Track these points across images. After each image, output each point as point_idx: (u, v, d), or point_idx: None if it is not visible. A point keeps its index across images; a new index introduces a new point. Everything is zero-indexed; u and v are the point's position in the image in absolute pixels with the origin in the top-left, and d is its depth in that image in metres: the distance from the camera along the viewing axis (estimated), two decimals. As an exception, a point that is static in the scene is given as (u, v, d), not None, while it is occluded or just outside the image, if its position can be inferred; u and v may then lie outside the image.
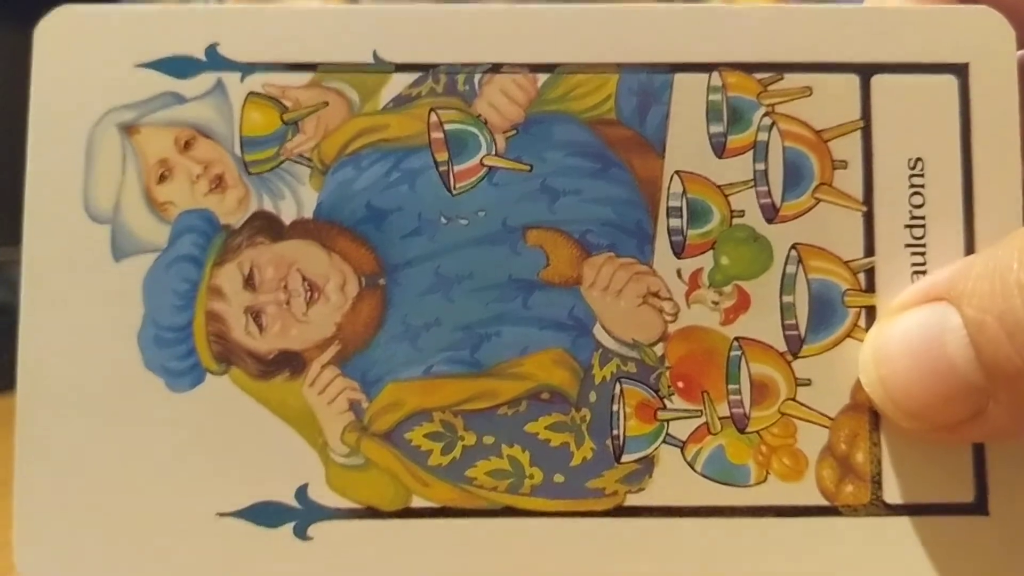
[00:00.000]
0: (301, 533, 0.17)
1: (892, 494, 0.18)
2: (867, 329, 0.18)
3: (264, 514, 0.17)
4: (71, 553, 0.17)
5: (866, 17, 0.19)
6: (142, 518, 0.17)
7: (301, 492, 0.17)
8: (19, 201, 0.18)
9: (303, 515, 0.17)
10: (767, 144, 0.18)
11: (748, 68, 0.18)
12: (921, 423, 0.17)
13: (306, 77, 0.18)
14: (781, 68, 0.18)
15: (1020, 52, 0.19)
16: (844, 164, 0.18)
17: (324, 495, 0.17)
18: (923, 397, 0.16)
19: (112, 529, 0.17)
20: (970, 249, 0.18)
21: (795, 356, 0.18)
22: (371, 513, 0.18)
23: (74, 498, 0.17)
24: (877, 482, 0.18)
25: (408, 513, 0.18)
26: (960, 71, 0.18)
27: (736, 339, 0.18)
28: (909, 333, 0.17)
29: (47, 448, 0.17)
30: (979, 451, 0.18)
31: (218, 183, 0.18)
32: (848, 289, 0.18)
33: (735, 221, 0.18)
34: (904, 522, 0.18)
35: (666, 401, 0.18)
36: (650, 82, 0.18)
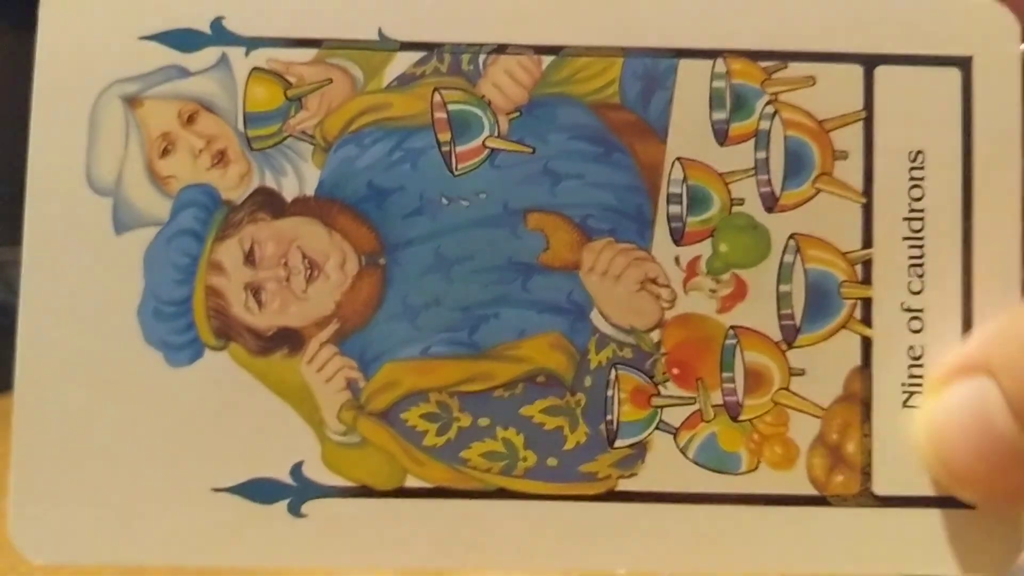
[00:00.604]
0: (295, 510, 0.18)
1: (881, 485, 0.18)
2: (862, 321, 0.18)
3: (259, 490, 0.18)
4: (65, 525, 0.17)
5: (871, 8, 0.19)
6: (137, 491, 0.17)
7: (296, 469, 0.18)
8: (18, 202, 0.18)
9: (298, 492, 0.18)
10: (769, 132, 0.19)
11: (752, 56, 0.19)
12: (988, 497, 0.17)
13: (310, 53, 0.18)
14: (785, 56, 0.19)
15: (1025, 47, 0.19)
16: (845, 155, 0.19)
17: (319, 472, 0.18)
18: (982, 473, 0.17)
19: (107, 502, 0.17)
20: (967, 244, 0.18)
21: (790, 345, 0.18)
22: (365, 492, 0.18)
23: (70, 470, 0.17)
24: (867, 473, 0.18)
25: (402, 492, 0.18)
26: (963, 64, 0.18)
27: (732, 327, 0.18)
28: (957, 412, 0.17)
29: (44, 419, 0.18)
30: None
31: (220, 158, 0.18)
32: (845, 280, 0.18)
33: (735, 209, 0.18)
34: (892, 513, 0.18)
35: (660, 387, 0.18)
36: (654, 67, 0.19)
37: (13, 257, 0.18)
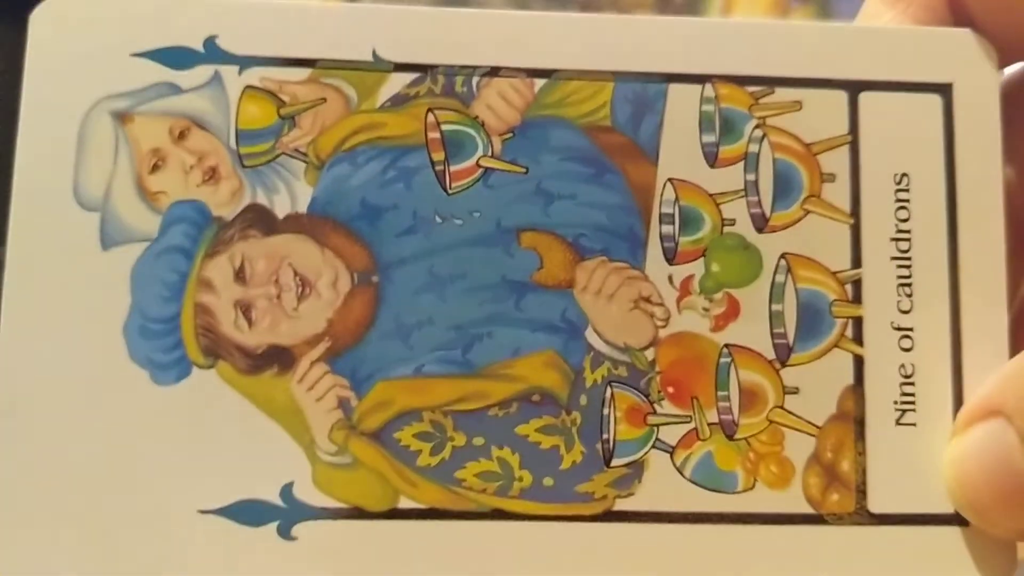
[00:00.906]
0: (285, 533, 0.17)
1: (876, 503, 0.18)
2: (854, 340, 0.18)
3: (248, 512, 0.17)
4: (48, 546, 0.17)
5: (855, 36, 0.19)
6: (122, 513, 0.17)
7: (286, 490, 0.17)
8: (8, 198, 0.18)
9: (288, 514, 0.17)
10: (758, 155, 0.19)
11: (740, 81, 0.19)
12: (1015, 534, 0.18)
13: (304, 73, 0.18)
14: (772, 82, 0.19)
15: (1003, 72, 0.20)
16: (832, 177, 0.19)
17: (310, 494, 0.17)
18: (1010, 513, 0.17)
19: (91, 523, 0.17)
20: (954, 262, 0.19)
21: (783, 364, 0.18)
22: (357, 513, 0.17)
23: (53, 490, 0.17)
24: (862, 491, 0.18)
25: (395, 514, 0.17)
26: (944, 90, 0.19)
27: (726, 346, 0.18)
28: (977, 453, 0.17)
29: (25, 437, 0.17)
30: None
31: (212, 174, 0.18)
32: (836, 299, 0.19)
33: (726, 229, 0.19)
34: (888, 531, 0.18)
35: (656, 406, 0.18)
36: (644, 91, 0.19)
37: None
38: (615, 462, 0.18)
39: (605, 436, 0.18)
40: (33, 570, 0.17)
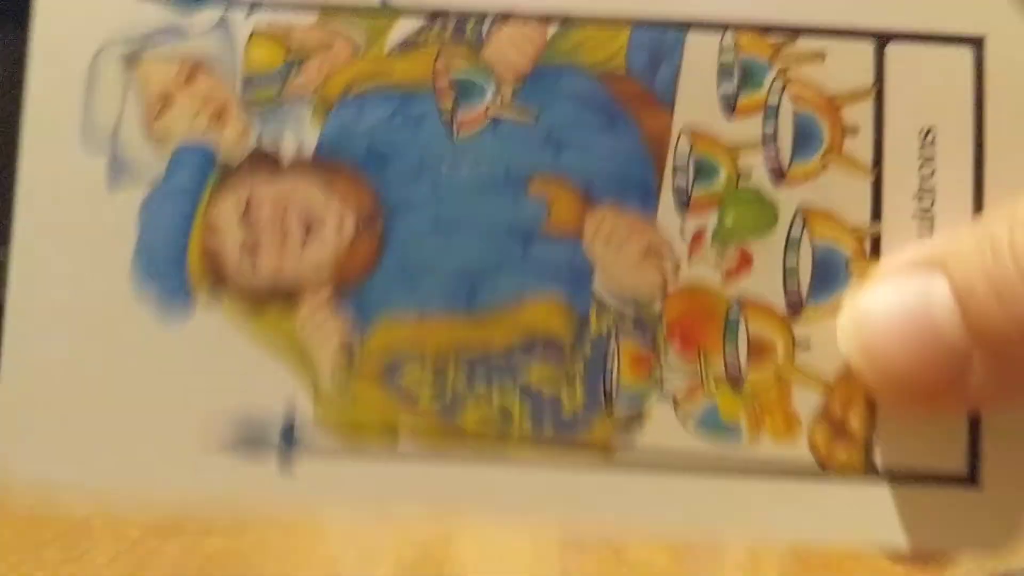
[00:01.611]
0: (286, 469, 0.18)
1: (883, 460, 0.18)
2: None
3: (249, 448, 0.18)
4: (47, 476, 0.18)
5: None
6: (126, 445, 0.18)
7: (288, 428, 0.18)
8: (11, 201, 0.18)
9: (288, 450, 0.18)
10: (777, 106, 0.19)
11: (762, 29, 0.19)
12: (902, 390, 0.17)
13: (312, 17, 0.19)
14: (795, 31, 0.19)
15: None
16: (855, 130, 0.19)
17: (311, 432, 0.18)
18: (905, 362, 0.17)
19: (92, 456, 0.18)
20: None
21: (794, 319, 0.18)
22: (358, 453, 0.18)
23: (56, 424, 0.18)
24: (869, 447, 0.18)
25: (395, 456, 0.18)
26: (976, 44, 0.19)
27: (736, 299, 0.18)
28: (894, 298, 0.17)
29: (32, 373, 0.18)
30: (974, 423, 0.18)
31: (218, 118, 0.18)
32: (852, 255, 0.19)
33: (741, 181, 0.19)
34: (894, 488, 0.18)
35: (662, 357, 0.18)
36: (662, 38, 0.19)
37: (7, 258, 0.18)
38: (617, 410, 0.18)
39: (608, 385, 0.18)
40: (41, 479, 0.17)
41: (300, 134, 0.18)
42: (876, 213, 0.19)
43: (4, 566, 0.24)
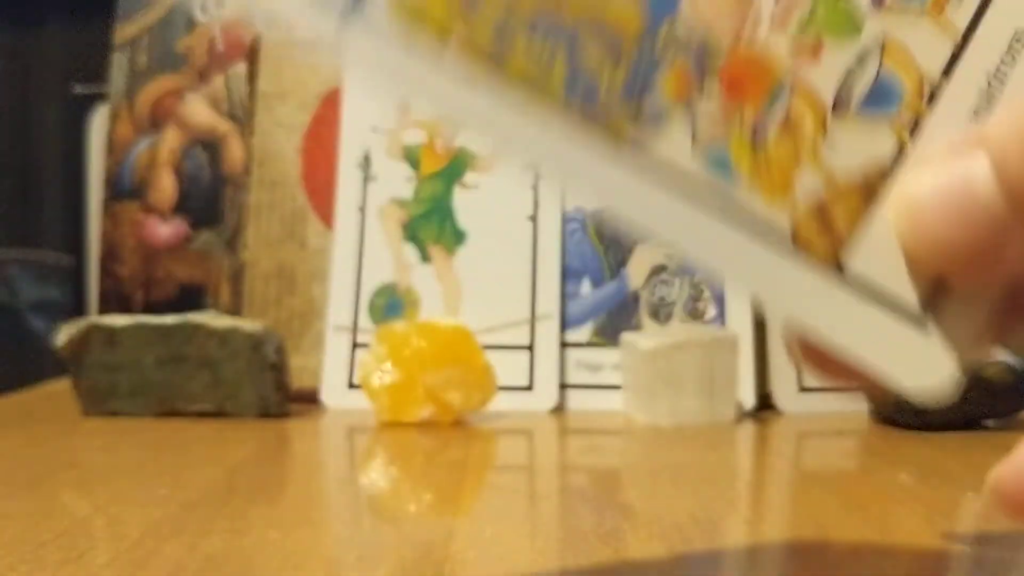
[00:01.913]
0: (343, 24, 0.18)
1: (855, 265, 0.19)
2: (909, 131, 0.19)
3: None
4: None
5: None
6: None
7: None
8: (16, 203, 0.18)
9: (352, 8, 0.18)
10: None
11: None
12: (944, 254, 0.18)
13: None
14: None
15: None
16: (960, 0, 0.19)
17: (379, 2, 0.18)
18: (946, 227, 0.18)
19: None
20: None
21: (834, 115, 0.19)
22: (407, 41, 0.18)
23: None
24: (846, 250, 0.19)
25: (438, 58, 0.18)
26: None
27: (793, 75, 0.19)
28: (939, 172, 0.18)
29: None
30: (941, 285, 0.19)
31: None
32: (911, 92, 0.19)
33: None
34: (849, 292, 0.19)
35: (705, 90, 0.19)
36: None
37: (12, 256, 0.18)
38: (645, 113, 0.19)
39: (647, 88, 0.19)
40: None
41: None
42: (947, 71, 0.19)
43: (4, 566, 0.25)
